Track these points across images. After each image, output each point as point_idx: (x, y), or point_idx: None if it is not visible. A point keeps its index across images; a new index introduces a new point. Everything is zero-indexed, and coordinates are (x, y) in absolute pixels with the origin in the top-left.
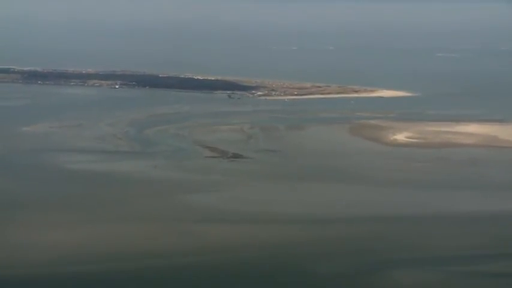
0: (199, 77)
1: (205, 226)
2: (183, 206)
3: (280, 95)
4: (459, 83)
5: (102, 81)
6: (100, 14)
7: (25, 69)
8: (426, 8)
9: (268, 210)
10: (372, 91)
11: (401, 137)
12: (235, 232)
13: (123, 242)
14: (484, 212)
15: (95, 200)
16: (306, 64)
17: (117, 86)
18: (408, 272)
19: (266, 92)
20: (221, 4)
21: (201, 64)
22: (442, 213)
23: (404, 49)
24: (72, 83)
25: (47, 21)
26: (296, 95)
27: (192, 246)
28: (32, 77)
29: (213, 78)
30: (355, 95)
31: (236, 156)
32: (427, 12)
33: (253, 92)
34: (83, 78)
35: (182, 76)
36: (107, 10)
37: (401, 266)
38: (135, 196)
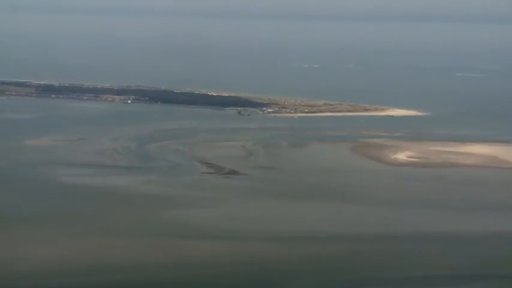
0: (213, 93)
1: (185, 242)
2: (167, 221)
3: (290, 113)
4: (475, 103)
5: (115, 96)
6: (123, 29)
7: (41, 83)
8: (449, 28)
9: (252, 228)
10: (382, 110)
11: (402, 156)
12: (214, 248)
13: (100, 256)
14: (470, 233)
15: (81, 214)
16: (324, 82)
17: (129, 101)
18: None
19: (276, 109)
20: (244, 22)
21: (219, 81)
22: (426, 232)
23: (425, 68)
24: (85, 97)
25: (71, 35)
26: (306, 112)
27: (167, 261)
28: (46, 91)
29: (226, 95)
30: (366, 113)
31: (232, 172)
32: (450, 32)
33: (264, 108)
34: (96, 92)
35: (197, 92)
36: (130, 26)
37: (371, 285)
38: (122, 211)
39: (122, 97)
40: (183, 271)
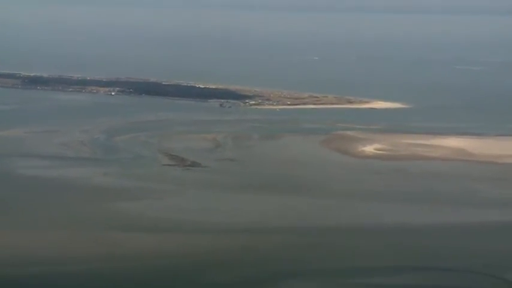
0: (200, 85)
1: (128, 234)
2: (114, 213)
3: (273, 105)
4: (465, 96)
5: (100, 88)
6: (117, 20)
7: (31, 74)
8: (451, 20)
9: (197, 219)
10: (367, 102)
11: (370, 148)
12: (154, 240)
13: (37, 248)
14: (418, 225)
15: (27, 206)
16: (319, 74)
17: (113, 93)
18: (304, 283)
19: (259, 101)
20: (248, 14)
21: (214, 73)
22: (370, 225)
23: (425, 60)
24: (70, 89)
25: (64, 26)
26: (289, 104)
27: (106, 253)
28: (32, 82)
29: (213, 87)
30: (349, 106)
31: (193, 164)
32: (451, 24)
33: (246, 101)
34: (83, 84)
35: (184, 84)
36: (125, 16)
37: (301, 277)
38: (70, 203)
39: (107, 89)
40: (120, 263)
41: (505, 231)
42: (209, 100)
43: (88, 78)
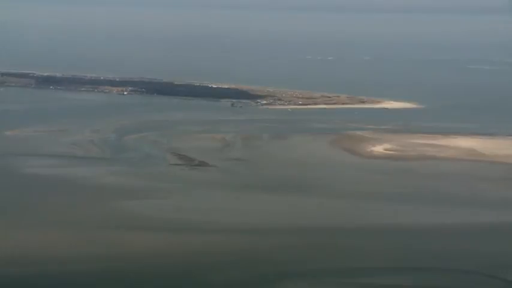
0: (213, 85)
1: (132, 233)
2: (119, 212)
3: (284, 104)
4: (476, 96)
5: (113, 88)
6: (132, 21)
7: (44, 74)
8: (461, 20)
9: (200, 219)
10: (379, 102)
11: (379, 148)
12: (159, 240)
13: (39, 247)
14: (423, 226)
15: (32, 205)
16: (332, 74)
17: (125, 93)
18: (311, 283)
19: (271, 101)
20: (257, 15)
21: (227, 73)
22: (373, 225)
23: (437, 60)
24: (83, 89)
25: (78, 26)
26: (300, 104)
27: (105, 252)
28: (45, 82)
29: (226, 87)
30: (361, 105)
31: (201, 164)
32: (462, 23)
33: (258, 100)
34: (95, 84)
35: (196, 84)
36: (139, 17)
37: (307, 277)
38: (76, 202)
39: (119, 88)
40: (125, 262)
41: None
42: (221, 100)
43: (101, 78)
